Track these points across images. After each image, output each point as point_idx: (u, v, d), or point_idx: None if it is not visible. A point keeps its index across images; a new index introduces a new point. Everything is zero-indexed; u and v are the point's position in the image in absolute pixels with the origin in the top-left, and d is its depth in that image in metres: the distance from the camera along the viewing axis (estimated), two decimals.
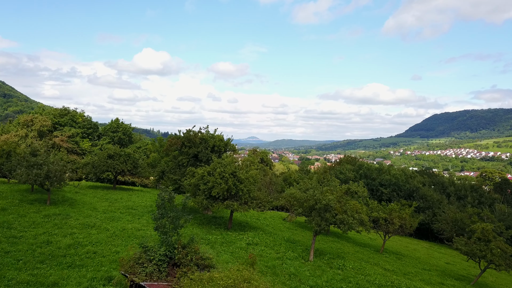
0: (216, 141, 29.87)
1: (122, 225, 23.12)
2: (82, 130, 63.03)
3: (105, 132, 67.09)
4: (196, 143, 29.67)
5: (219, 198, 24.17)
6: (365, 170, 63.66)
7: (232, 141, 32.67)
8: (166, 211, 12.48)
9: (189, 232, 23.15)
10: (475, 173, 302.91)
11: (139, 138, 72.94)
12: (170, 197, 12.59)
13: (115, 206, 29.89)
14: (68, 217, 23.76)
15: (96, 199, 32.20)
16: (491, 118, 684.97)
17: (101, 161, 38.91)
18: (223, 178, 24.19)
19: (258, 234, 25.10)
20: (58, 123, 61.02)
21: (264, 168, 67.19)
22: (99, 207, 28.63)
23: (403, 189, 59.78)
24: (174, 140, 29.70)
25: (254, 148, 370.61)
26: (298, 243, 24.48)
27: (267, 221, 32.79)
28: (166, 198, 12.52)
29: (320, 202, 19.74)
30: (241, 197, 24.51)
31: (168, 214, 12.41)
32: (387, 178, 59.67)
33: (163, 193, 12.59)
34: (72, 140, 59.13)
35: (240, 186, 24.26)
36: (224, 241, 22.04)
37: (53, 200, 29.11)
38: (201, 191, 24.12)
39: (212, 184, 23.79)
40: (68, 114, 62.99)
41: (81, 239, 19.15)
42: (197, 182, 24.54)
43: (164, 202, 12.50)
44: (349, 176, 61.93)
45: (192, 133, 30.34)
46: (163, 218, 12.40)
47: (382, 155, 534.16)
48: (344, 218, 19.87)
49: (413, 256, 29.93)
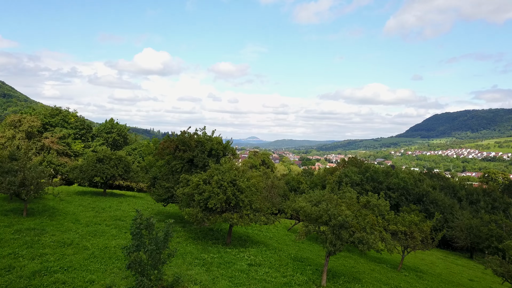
0: (213, 144, 26.78)
1: (105, 242, 20.03)
2: (74, 131, 59.97)
3: (98, 133, 64.03)
4: (191, 147, 26.59)
5: (216, 210, 21.10)
6: (372, 173, 60.55)
7: (232, 142, 29.69)
8: (143, 242, 9.46)
9: (182, 250, 20.09)
10: (477, 174, 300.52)
11: (135, 139, 69.85)
12: (149, 224, 9.56)
13: (101, 216, 26.82)
14: (43, 232, 20.68)
15: (81, 208, 29.12)
16: (492, 118, 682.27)
17: (90, 165, 35.86)
18: (221, 187, 21.12)
19: (261, 251, 22.02)
20: (49, 123, 57.96)
21: (266, 171, 64.11)
22: (82, 218, 25.56)
23: (412, 193, 56.70)
24: (167, 144, 26.61)
25: (255, 149, 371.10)
26: (306, 261, 21.41)
27: (270, 232, 29.73)
28: (143, 225, 9.50)
29: (335, 218, 16.68)
30: (242, 209, 21.44)
31: (146, 247, 9.39)
32: (395, 181, 56.60)
33: (138, 219, 9.55)
34: (63, 141, 56.06)
35: (241, 197, 21.19)
36: (222, 261, 18.96)
37: (32, 210, 26.05)
38: (195, 202, 21.05)
39: (208, 194, 20.72)
40: (59, 114, 59.91)
41: (51, 263, 16.06)
42: (191, 191, 21.46)
43: (141, 231, 9.48)
44: (355, 179, 58.93)
45: (187, 135, 27.26)
46: (139, 251, 9.38)
47: (383, 155, 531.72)
48: (363, 236, 16.80)
49: (433, 273, 26.85)
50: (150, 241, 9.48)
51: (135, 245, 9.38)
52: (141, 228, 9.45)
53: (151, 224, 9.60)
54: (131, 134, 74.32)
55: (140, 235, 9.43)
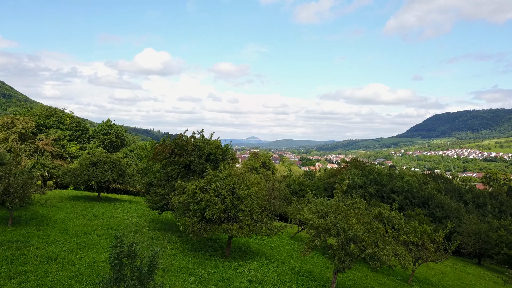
0: (211, 148, 25.20)
1: (93, 256, 18.47)
2: (70, 132, 58.41)
3: (95, 135, 62.47)
4: (188, 151, 25.01)
5: (214, 221, 19.54)
6: (376, 175, 58.99)
7: (232, 144, 28.17)
8: (123, 274, 7.91)
9: (177, 264, 18.55)
10: (478, 174, 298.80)
11: (132, 141, 68.28)
12: (130, 252, 8.00)
13: (92, 225, 25.26)
14: (26, 245, 19.12)
15: (72, 216, 27.56)
16: (492, 118, 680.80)
17: (83, 170, 34.30)
18: (220, 195, 19.57)
19: (263, 264, 20.46)
20: (44, 124, 56.39)
21: (266, 173, 62.55)
22: (72, 227, 23.99)
23: (416, 196, 55.16)
24: (162, 148, 25.03)
25: (255, 149, 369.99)
26: (312, 275, 19.84)
27: (271, 241, 28.16)
28: (124, 253, 7.95)
29: (345, 233, 15.12)
30: (242, 219, 19.88)
31: (127, 281, 7.83)
32: (400, 184, 55.05)
33: (118, 246, 7.96)
34: (58, 143, 54.48)
35: (241, 206, 19.64)
36: (220, 277, 17.41)
37: (19, 218, 24.50)
38: (191, 212, 19.48)
39: (205, 203, 19.17)
40: (54, 115, 58.34)
41: (30, 283, 14.51)
42: (187, 200, 19.90)
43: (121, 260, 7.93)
44: (358, 182, 57.41)
45: (184, 138, 25.67)
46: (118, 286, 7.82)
47: (384, 155, 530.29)
48: (376, 252, 15.24)
49: (445, 285, 25.28)
50: (132, 272, 7.93)
51: (114, 278, 7.83)
52: (122, 258, 7.91)
53: (133, 253, 8.04)
54: (129, 135, 72.85)
55: (121, 266, 7.88)
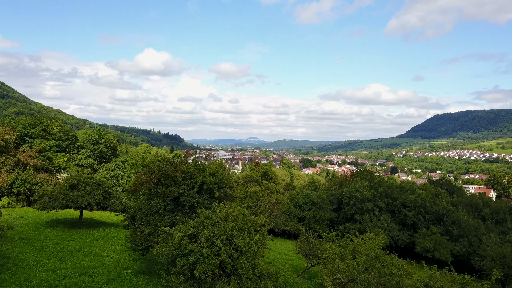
0: (206, 176, 21.09)
1: None
2: (57, 142, 54.33)
3: (84, 144, 58.39)
4: (177, 180, 20.89)
5: (206, 280, 15.43)
6: (386, 188, 54.95)
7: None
8: None
9: None
10: (481, 176, 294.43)
11: (125, 150, 64.16)
12: None
13: (63, 268, 21.12)
14: None
15: (41, 254, 23.41)
16: (493, 118, 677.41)
17: (60, 193, 30.16)
18: (213, 246, 15.48)
19: None
20: (28, 135, 52.31)
21: (268, 186, 58.46)
22: (36, 274, 19.83)
23: (430, 211, 51.09)
24: (146, 177, 20.92)
25: (255, 149, 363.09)
26: None
27: None
28: None
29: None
30: (242, 274, 15.78)
31: None
32: (412, 198, 50.95)
33: None
34: (43, 155, 50.38)
35: (240, 260, 15.56)
36: None
37: None
38: (177, 269, 15.37)
39: (195, 257, 15.10)
40: (40, 124, 54.23)
41: None
42: (172, 252, 15.80)
43: None
44: (367, 195, 53.23)
45: (173, 166, 21.51)
46: None
47: (384, 156, 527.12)
48: None
49: None
50: None
51: None
52: None
53: None
54: (121, 145, 68.76)
55: None
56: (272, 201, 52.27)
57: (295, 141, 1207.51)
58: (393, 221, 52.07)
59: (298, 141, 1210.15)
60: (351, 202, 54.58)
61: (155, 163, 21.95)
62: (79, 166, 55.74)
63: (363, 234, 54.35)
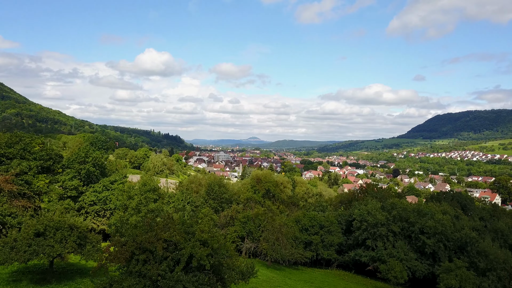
0: (195, 248, 15.88)
1: None
2: (38, 162, 49.00)
3: (69, 164, 53.12)
4: (157, 254, 15.71)
5: None
6: (400, 210, 49.78)
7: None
8: None
9: None
10: (484, 178, 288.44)
11: (116, 169, 58.89)
12: None
13: None
14: None
15: None
16: (494, 119, 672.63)
17: (23, 243, 24.94)
18: None
19: None
20: (4, 155, 47.08)
21: (272, 208, 53.22)
22: None
23: (451, 238, 45.86)
24: (117, 250, 15.76)
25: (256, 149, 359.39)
26: None
27: None
28: None
29: None
30: None
31: None
32: (431, 224, 45.72)
33: None
34: (21, 178, 45.09)
35: None
36: None
37: None
38: None
39: None
40: (19, 143, 48.93)
41: None
42: None
43: None
44: (380, 219, 48.06)
45: (152, 232, 16.27)
46: None
47: (386, 157, 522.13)
48: None
49: None
50: None
51: None
52: None
53: None
54: (112, 162, 63.55)
55: None
56: (276, 227, 47.10)
57: (296, 141, 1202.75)
58: (410, 249, 46.89)
59: (299, 141, 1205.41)
60: (362, 226, 49.47)
61: (128, 230, 16.70)
62: (63, 188, 50.53)
63: (376, 263, 48.92)
